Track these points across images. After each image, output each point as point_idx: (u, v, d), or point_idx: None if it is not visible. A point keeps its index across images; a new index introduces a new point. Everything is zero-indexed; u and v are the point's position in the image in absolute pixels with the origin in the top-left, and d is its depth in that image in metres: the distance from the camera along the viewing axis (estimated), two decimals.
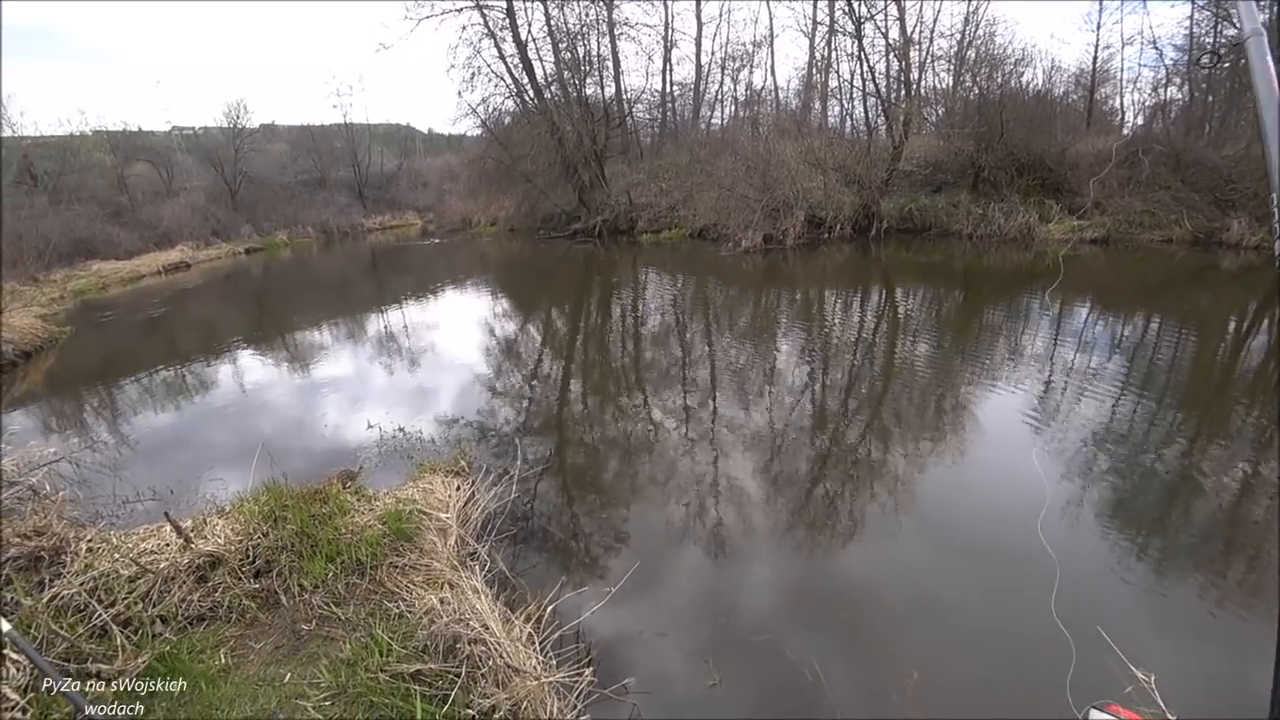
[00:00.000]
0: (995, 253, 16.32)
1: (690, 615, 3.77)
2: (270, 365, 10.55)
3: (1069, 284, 12.92)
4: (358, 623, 3.27)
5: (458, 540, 4.04)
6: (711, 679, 3.18)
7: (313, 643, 3.20)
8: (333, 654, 3.04)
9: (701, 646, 3.46)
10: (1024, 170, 18.46)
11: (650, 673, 3.23)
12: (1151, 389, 7.02)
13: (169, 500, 5.38)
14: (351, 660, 2.90)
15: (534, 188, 25.25)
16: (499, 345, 11.27)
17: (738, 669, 3.28)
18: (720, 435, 6.41)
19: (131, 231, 27.58)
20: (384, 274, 22.19)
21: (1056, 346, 8.66)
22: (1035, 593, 3.55)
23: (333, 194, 37.69)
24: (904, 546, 4.38)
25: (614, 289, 15.77)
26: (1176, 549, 4.28)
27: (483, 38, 23.88)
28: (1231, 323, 10.13)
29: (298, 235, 32.66)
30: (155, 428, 7.96)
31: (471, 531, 4.27)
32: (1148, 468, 5.31)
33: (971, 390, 7.30)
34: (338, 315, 14.37)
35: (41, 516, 3.83)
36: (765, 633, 3.57)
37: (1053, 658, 3.04)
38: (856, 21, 19.68)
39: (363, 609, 3.39)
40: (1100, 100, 25.68)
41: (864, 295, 13.07)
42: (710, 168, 21.11)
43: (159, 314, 16.40)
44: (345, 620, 3.33)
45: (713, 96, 31.61)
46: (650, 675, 3.21)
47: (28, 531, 3.60)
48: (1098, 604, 3.62)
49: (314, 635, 3.25)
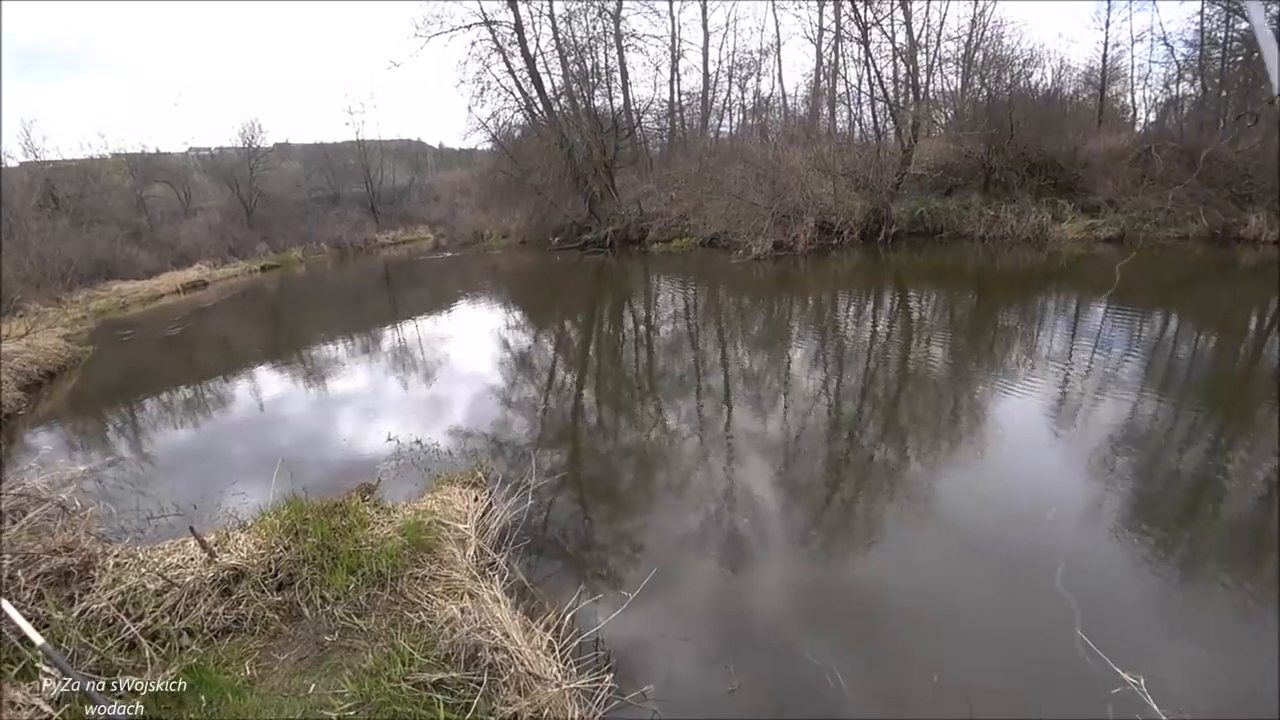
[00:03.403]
0: (1008, 254, 16.20)
1: (708, 620, 3.78)
2: (287, 380, 10.71)
3: (1084, 283, 12.81)
4: (379, 633, 3.31)
5: (476, 551, 4.07)
6: (731, 684, 3.18)
7: (336, 654, 3.24)
8: (356, 664, 3.07)
9: (720, 652, 3.46)
10: (1035, 170, 18.32)
11: (670, 678, 3.24)
12: (1175, 391, 6.94)
13: (192, 515, 5.45)
14: (374, 670, 2.93)
15: (544, 200, 25.44)
16: (512, 356, 11.36)
17: (757, 674, 3.28)
18: (735, 441, 6.42)
19: (150, 252, 28.11)
20: (397, 288, 22.44)
21: (1073, 347, 8.57)
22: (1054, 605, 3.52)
23: (346, 210, 38.21)
24: (921, 549, 4.36)
25: (626, 298, 15.83)
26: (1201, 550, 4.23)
27: (491, 53, 24.21)
28: (1254, 320, 9.98)
29: (312, 251, 33.10)
30: (177, 443, 8.11)
31: (490, 542, 4.31)
32: (1172, 469, 5.24)
33: (988, 392, 7.25)
34: (353, 330, 14.55)
35: (70, 533, 3.92)
36: (783, 636, 3.56)
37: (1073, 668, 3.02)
38: (863, 27, 19.69)
39: (384, 620, 3.43)
40: (1111, 98, 25.51)
41: (877, 299, 13.02)
42: (719, 176, 21.16)
43: (178, 332, 16.67)
44: (367, 631, 3.36)
45: (720, 105, 31.79)
46: (670, 681, 3.21)
47: (57, 547, 3.68)
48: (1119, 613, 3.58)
49: (337, 646, 3.29)
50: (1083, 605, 3.51)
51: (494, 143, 26.85)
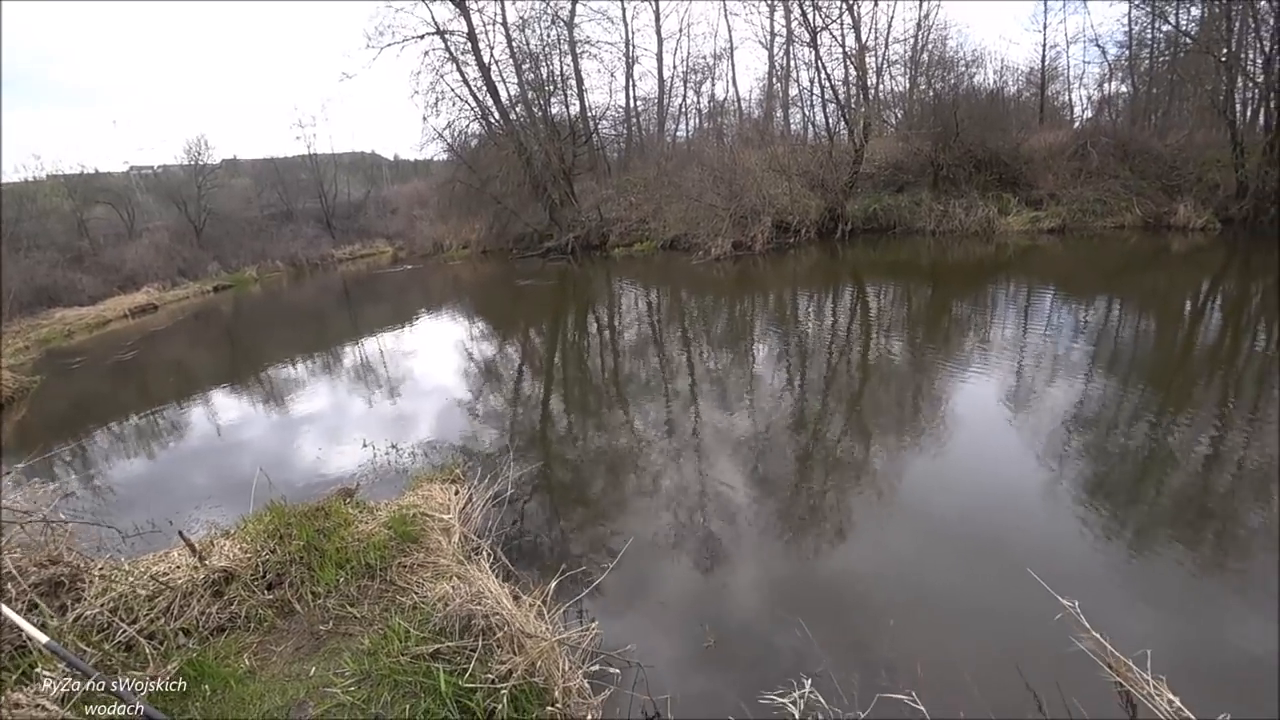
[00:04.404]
0: (959, 247, 16.96)
1: (684, 586, 4.04)
2: (250, 402, 10.51)
3: (1030, 273, 13.54)
4: (374, 618, 3.46)
5: (461, 538, 4.25)
6: (708, 640, 3.45)
7: (332, 640, 3.38)
8: (353, 647, 3.23)
9: (697, 613, 3.72)
10: (981, 166, 19.23)
11: (651, 638, 3.48)
12: (1120, 370, 7.42)
13: (168, 530, 5.46)
14: (373, 649, 3.10)
15: (504, 209, 25.50)
16: (479, 365, 11.41)
17: (731, 631, 3.56)
18: (702, 435, 6.70)
19: (94, 276, 27.20)
20: (358, 304, 22.14)
21: (1026, 333, 9.08)
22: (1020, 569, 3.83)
23: (300, 226, 37.51)
24: (885, 529, 4.64)
25: (590, 304, 16.04)
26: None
27: (445, 62, 24.26)
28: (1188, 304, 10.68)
29: (267, 270, 32.38)
30: (140, 469, 7.97)
31: (473, 530, 4.48)
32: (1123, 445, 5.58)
33: (946, 379, 7.66)
34: (313, 349, 14.29)
35: (54, 546, 3.95)
36: (755, 592, 3.85)
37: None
38: (812, 31, 20.38)
39: (376, 606, 3.59)
40: (1051, 96, 26.85)
41: (835, 295, 13.52)
42: (677, 179, 21.59)
43: (129, 357, 16.19)
44: (361, 618, 3.52)
45: (676, 109, 32.39)
46: (651, 640, 3.46)
47: (44, 560, 3.73)
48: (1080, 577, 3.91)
49: (332, 634, 3.43)
50: (1029, 551, 3.89)
51: (451, 153, 26.85)
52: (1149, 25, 21.84)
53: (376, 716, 2.71)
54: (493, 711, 2.66)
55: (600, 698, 2.95)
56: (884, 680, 3.06)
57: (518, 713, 2.68)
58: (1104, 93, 25.74)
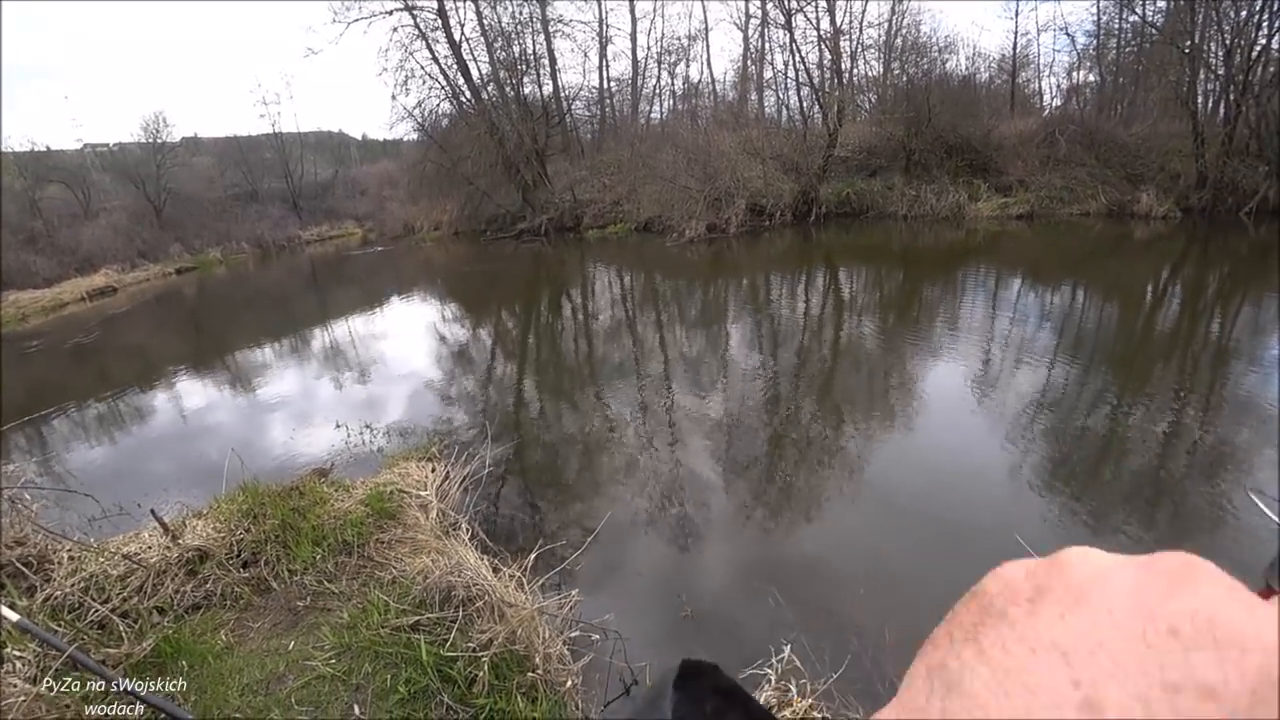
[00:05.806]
0: (930, 231, 17.24)
1: (661, 561, 4.13)
2: (216, 385, 10.28)
3: (999, 258, 13.84)
4: (352, 593, 3.48)
5: (439, 514, 4.26)
6: (684, 610, 3.54)
7: (310, 616, 3.39)
8: (332, 621, 3.24)
9: (673, 586, 3.81)
10: (952, 152, 19.52)
11: (629, 608, 3.56)
12: (1084, 355, 7.66)
13: (137, 512, 5.37)
14: (352, 623, 3.12)
15: (476, 190, 25.13)
16: (452, 348, 11.31)
17: (706, 601, 3.65)
18: (675, 416, 6.77)
19: (49, 258, 26.26)
20: (327, 287, 21.67)
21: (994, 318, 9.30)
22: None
23: (266, 207, 36.49)
24: (854, 507, 4.75)
25: (564, 286, 15.97)
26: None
27: (414, 39, 23.68)
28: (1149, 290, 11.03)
29: (232, 251, 31.52)
30: (105, 454, 7.78)
31: (451, 506, 4.50)
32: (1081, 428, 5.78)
33: (917, 362, 7.84)
34: (282, 332, 14.00)
35: (19, 528, 3.87)
36: (730, 566, 3.95)
37: None
38: (787, 13, 20.30)
39: (355, 582, 3.60)
40: (1022, 84, 27.26)
41: (808, 278, 13.67)
42: (652, 161, 21.50)
43: (90, 340, 15.72)
44: (340, 593, 3.53)
45: (650, 91, 32.10)
46: (629, 610, 3.53)
47: (9, 541, 3.65)
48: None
49: (311, 609, 3.44)
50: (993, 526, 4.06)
51: (421, 132, 26.32)
52: (1116, 15, 22.32)
53: (357, 687, 2.74)
54: (474, 679, 2.71)
55: (580, 663, 3.02)
56: (854, 645, 3.18)
57: (499, 679, 2.73)
58: (1073, 81, 26.29)
